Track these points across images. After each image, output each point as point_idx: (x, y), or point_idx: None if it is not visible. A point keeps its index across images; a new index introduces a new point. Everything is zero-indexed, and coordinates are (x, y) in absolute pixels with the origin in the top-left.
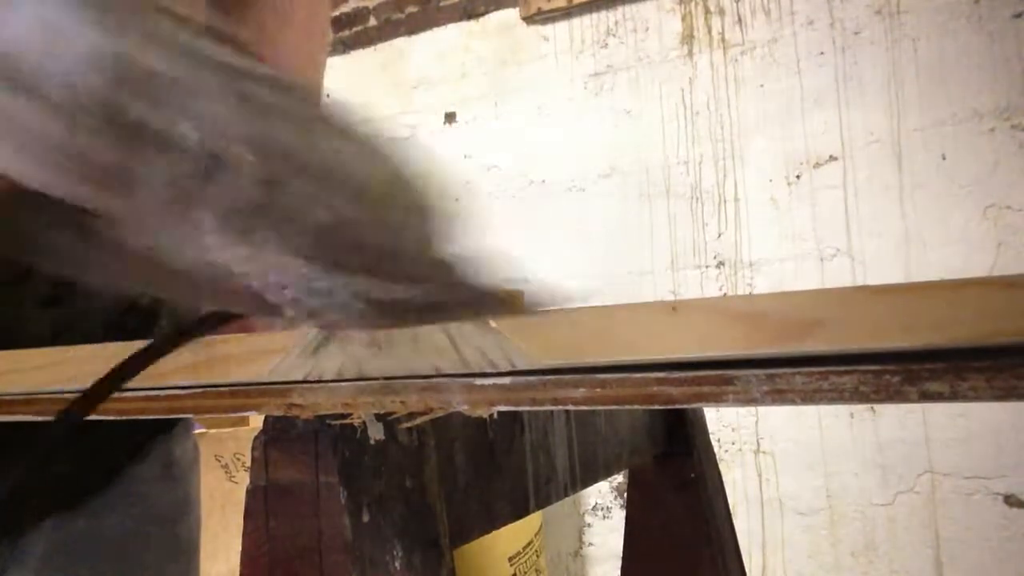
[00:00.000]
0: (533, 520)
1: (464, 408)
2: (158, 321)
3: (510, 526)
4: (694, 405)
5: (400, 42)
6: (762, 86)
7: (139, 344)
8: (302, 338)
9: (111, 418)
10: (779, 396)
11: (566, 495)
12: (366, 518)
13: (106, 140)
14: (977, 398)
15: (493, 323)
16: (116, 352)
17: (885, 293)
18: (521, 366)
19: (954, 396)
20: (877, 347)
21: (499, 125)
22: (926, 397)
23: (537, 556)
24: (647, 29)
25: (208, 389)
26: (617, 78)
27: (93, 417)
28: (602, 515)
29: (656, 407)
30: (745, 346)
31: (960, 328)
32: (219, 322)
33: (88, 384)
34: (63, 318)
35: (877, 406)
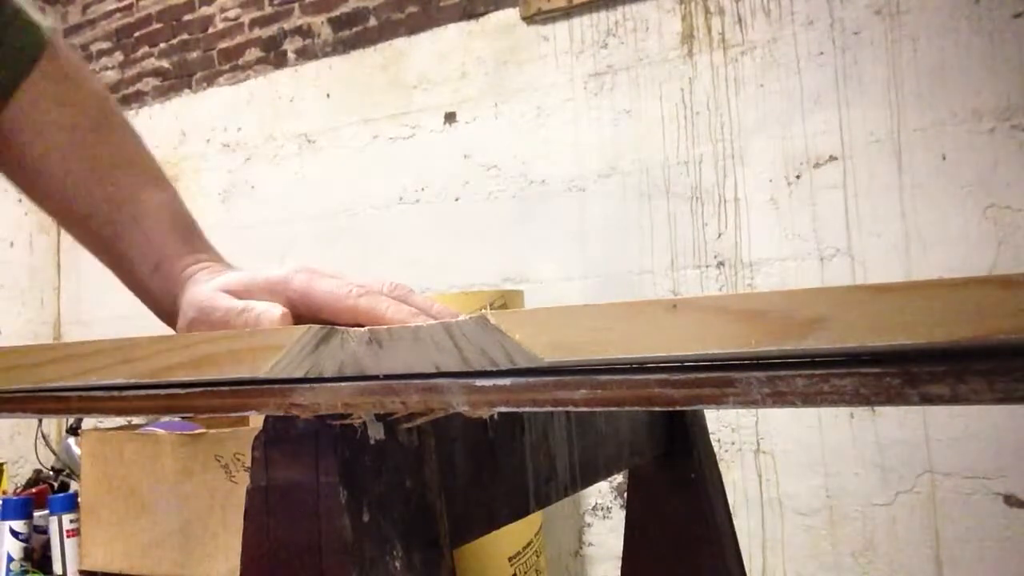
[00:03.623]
0: (533, 520)
1: (465, 409)
2: None
3: (510, 526)
4: (695, 407)
5: (400, 42)
6: (762, 86)
7: (147, 338)
8: (302, 335)
9: (114, 418)
10: (779, 398)
11: (566, 495)
12: (366, 518)
13: None
14: (978, 400)
15: (493, 320)
16: (120, 345)
17: (885, 291)
18: (521, 363)
19: (955, 399)
20: (878, 344)
21: (499, 125)
22: (927, 399)
23: (537, 556)
24: (647, 29)
25: (208, 389)
26: (617, 78)
27: (99, 416)
28: (602, 515)
29: (656, 409)
30: (746, 344)
31: (960, 325)
32: None
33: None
34: None
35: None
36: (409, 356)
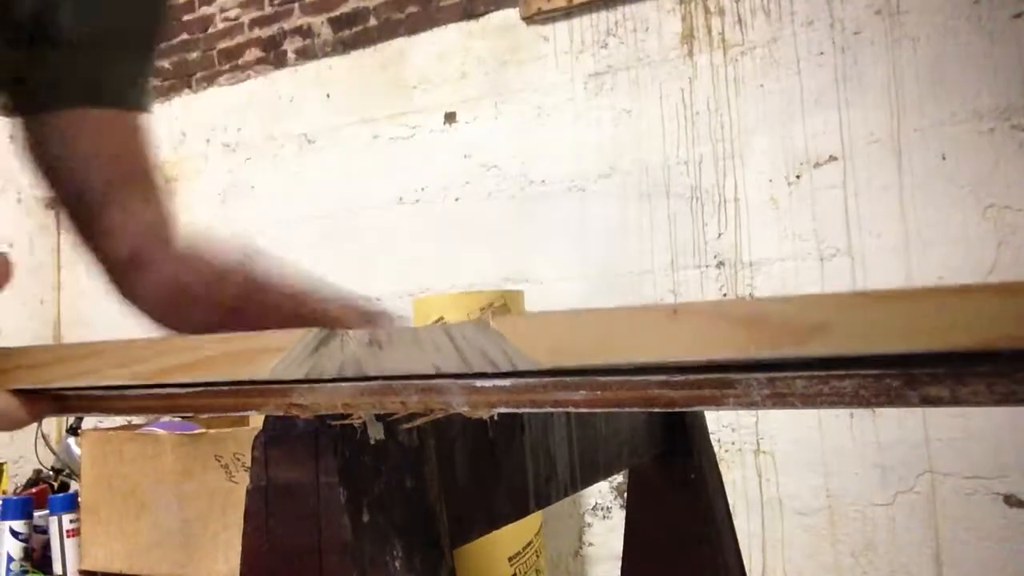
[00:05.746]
0: (533, 520)
1: (464, 409)
2: None
3: (510, 526)
4: (695, 408)
5: (400, 42)
6: (762, 86)
7: (147, 340)
8: (302, 337)
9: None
10: (779, 400)
11: (566, 495)
12: (366, 518)
13: None
14: (977, 403)
15: (494, 325)
16: (119, 347)
17: (886, 298)
18: (522, 367)
19: (954, 400)
20: (878, 351)
21: (499, 125)
22: (926, 401)
23: (537, 556)
24: (647, 29)
25: (208, 389)
26: (617, 78)
27: (98, 416)
28: (602, 515)
29: (656, 410)
30: (746, 350)
31: (960, 334)
32: None
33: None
34: None
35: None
36: (409, 357)
